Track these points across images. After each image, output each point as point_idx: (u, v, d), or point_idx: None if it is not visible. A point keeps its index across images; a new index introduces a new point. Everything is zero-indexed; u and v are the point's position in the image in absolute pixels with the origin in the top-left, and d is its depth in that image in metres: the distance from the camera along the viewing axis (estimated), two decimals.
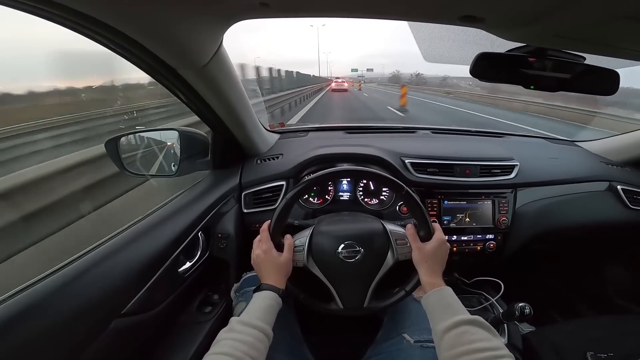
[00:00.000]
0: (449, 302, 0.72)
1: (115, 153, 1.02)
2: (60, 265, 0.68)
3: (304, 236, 0.86)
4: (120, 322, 0.71)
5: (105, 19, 0.49)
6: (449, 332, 0.64)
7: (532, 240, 1.24)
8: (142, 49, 0.60)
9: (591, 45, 0.60)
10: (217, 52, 0.73)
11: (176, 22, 0.57)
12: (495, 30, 0.58)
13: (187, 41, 0.63)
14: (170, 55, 0.66)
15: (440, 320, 0.67)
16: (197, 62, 0.71)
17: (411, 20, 0.59)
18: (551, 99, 11.33)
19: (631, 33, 0.53)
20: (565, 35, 0.54)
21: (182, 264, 0.95)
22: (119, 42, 0.56)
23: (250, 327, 0.66)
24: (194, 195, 1.04)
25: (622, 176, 1.36)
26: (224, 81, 0.85)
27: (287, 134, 1.53)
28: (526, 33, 0.57)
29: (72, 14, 0.47)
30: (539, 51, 0.69)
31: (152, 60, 0.65)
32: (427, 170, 1.22)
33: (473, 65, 0.73)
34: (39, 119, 4.89)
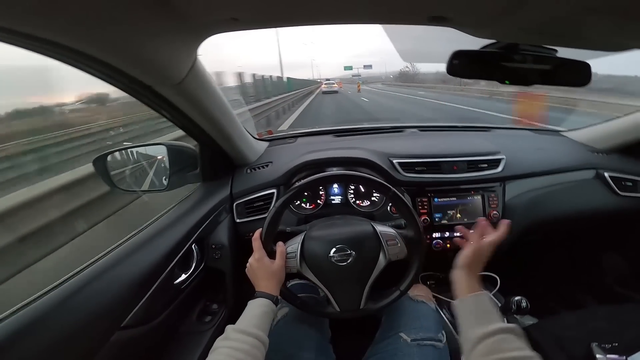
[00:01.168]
0: (487, 308, 0.70)
1: (104, 170, 1.03)
2: (58, 282, 0.69)
3: (295, 242, 0.87)
4: (122, 335, 0.73)
5: (71, 43, 0.50)
6: (485, 339, 0.62)
7: (525, 232, 1.25)
8: (115, 69, 0.61)
9: (558, 38, 0.61)
10: (192, 67, 0.74)
11: (147, 41, 0.57)
12: (464, 29, 0.60)
13: (161, 59, 0.64)
14: (145, 74, 0.67)
15: (477, 326, 0.66)
16: (173, 78, 0.71)
17: (380, 23, 0.61)
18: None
19: (594, 25, 0.55)
20: (531, 30, 0.56)
21: (177, 276, 0.96)
22: (89, 64, 0.57)
23: (245, 335, 0.67)
24: (186, 209, 1.05)
25: (608, 163, 1.37)
26: (204, 95, 0.86)
27: (276, 141, 1.54)
28: (494, 29, 0.58)
29: (35, 41, 0.48)
30: (511, 46, 0.70)
31: (127, 79, 0.66)
32: (415, 169, 1.23)
33: (448, 64, 0.74)
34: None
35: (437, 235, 1.21)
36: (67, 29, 0.47)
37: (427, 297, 1.09)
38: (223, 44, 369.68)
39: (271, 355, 0.72)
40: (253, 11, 0.56)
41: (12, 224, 2.05)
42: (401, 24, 0.59)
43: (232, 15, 0.55)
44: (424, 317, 0.99)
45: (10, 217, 2.06)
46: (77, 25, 0.47)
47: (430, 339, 0.91)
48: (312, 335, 0.94)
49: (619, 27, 0.56)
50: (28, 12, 0.41)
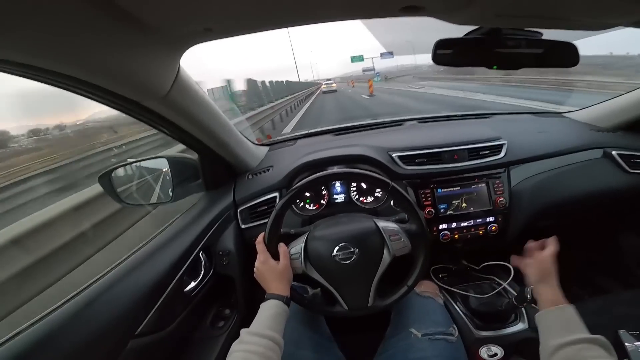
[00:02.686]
0: (569, 320, 0.68)
1: (110, 187, 1.05)
2: (72, 294, 0.73)
3: (299, 243, 0.88)
4: (137, 342, 0.76)
5: (49, 65, 0.52)
6: (564, 347, 0.62)
7: (535, 217, 1.23)
8: (99, 88, 0.62)
9: (538, 19, 0.61)
10: (176, 79, 0.75)
11: (125, 58, 0.59)
12: (440, 16, 0.60)
13: (142, 74, 0.65)
14: (129, 90, 0.68)
15: (557, 335, 0.65)
16: (158, 92, 0.73)
17: (353, 19, 0.61)
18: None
19: (570, 4, 0.54)
20: (506, 14, 0.56)
21: (187, 284, 0.98)
22: (71, 84, 0.59)
23: (260, 337, 0.68)
24: (190, 218, 1.07)
25: (615, 141, 1.34)
26: (192, 105, 0.87)
27: (276, 145, 1.56)
28: (470, 15, 0.58)
29: (17, 66, 0.50)
30: (494, 31, 0.70)
31: (113, 97, 0.67)
32: (416, 161, 1.22)
33: (433, 53, 0.75)
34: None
35: (443, 226, 1.20)
36: (44, 52, 0.48)
37: (434, 293, 1.09)
38: (211, 52, 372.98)
39: None
40: (225, 21, 0.57)
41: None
42: (375, 18, 0.60)
43: (205, 26, 0.56)
44: (432, 312, 0.99)
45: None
46: (52, 47, 0.48)
47: (441, 333, 0.91)
48: (309, 334, 0.95)
49: (599, 4, 0.56)
50: (2, 35, 0.42)
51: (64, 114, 17.44)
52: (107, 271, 0.82)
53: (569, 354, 0.60)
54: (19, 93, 4.89)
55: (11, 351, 0.58)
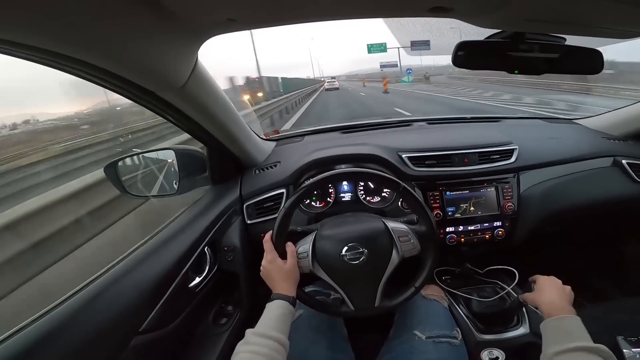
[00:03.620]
0: (570, 329, 0.69)
1: (115, 177, 1.04)
2: (75, 290, 0.71)
3: (307, 242, 0.87)
4: (140, 339, 0.75)
5: (68, 51, 0.50)
6: (562, 355, 0.63)
7: (542, 223, 1.22)
8: (115, 76, 0.61)
9: (566, 26, 0.60)
10: (193, 70, 0.73)
11: (145, 47, 0.57)
12: (467, 19, 0.58)
13: (161, 64, 0.64)
14: (146, 79, 0.66)
15: (557, 343, 0.66)
16: (174, 83, 0.71)
17: (380, 17, 0.60)
18: None
19: (602, 11, 0.53)
20: (536, 19, 0.54)
21: (192, 279, 0.97)
22: (88, 72, 0.57)
23: (265, 338, 0.67)
24: (196, 213, 1.06)
25: (625, 150, 1.33)
26: (207, 98, 0.86)
27: (283, 140, 1.54)
28: (498, 19, 0.57)
29: (36, 51, 0.48)
30: (518, 35, 0.69)
31: (129, 86, 0.66)
32: (425, 162, 1.21)
33: (454, 55, 0.73)
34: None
35: (450, 229, 1.19)
36: (63, 37, 0.47)
37: (439, 296, 1.08)
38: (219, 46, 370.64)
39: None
40: (249, 11, 0.56)
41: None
42: (402, 17, 0.58)
43: (229, 16, 0.54)
44: (437, 315, 0.99)
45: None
46: (72, 33, 0.47)
47: (445, 336, 0.91)
48: (325, 332, 0.94)
49: (627, 13, 0.54)
50: (22, 21, 0.41)
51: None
52: (111, 265, 0.80)
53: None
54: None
55: (14, 348, 0.57)
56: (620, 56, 9.13)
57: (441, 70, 49.73)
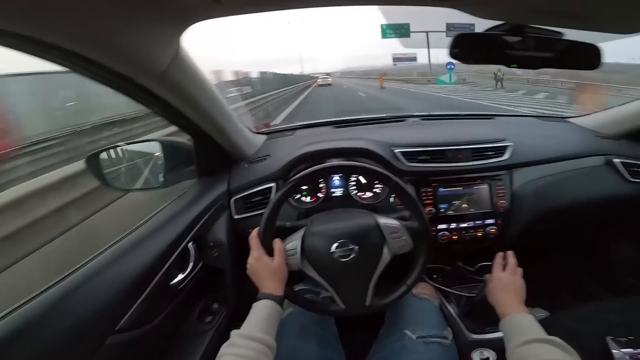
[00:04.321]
0: (523, 325, 0.73)
1: (97, 169, 1.00)
2: (48, 285, 0.68)
3: (296, 239, 0.85)
4: (116, 339, 0.71)
5: (34, 33, 0.46)
6: (519, 347, 0.67)
7: (534, 221, 1.22)
8: (88, 60, 0.57)
9: (568, 19, 0.58)
10: (176, 56, 0.70)
11: (121, 29, 0.54)
12: (469, 9, 0.56)
13: (139, 48, 0.60)
14: (123, 64, 0.63)
15: (513, 339, 0.70)
16: (154, 68, 0.67)
17: (379, 4, 0.57)
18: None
19: (607, 5, 0.51)
20: (540, 10, 0.52)
21: (174, 276, 0.94)
22: (59, 56, 0.53)
23: (251, 340, 0.65)
24: (181, 206, 1.03)
25: (618, 149, 1.33)
26: (191, 86, 0.82)
27: (274, 134, 1.51)
28: (501, 10, 0.55)
29: (9, 36, 0.45)
30: (517, 28, 0.67)
31: (104, 71, 0.62)
32: (418, 158, 1.19)
33: (452, 48, 0.71)
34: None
35: (443, 226, 1.18)
36: (30, 19, 0.43)
37: (430, 295, 1.08)
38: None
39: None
40: None
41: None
42: (401, 5, 0.55)
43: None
44: (428, 314, 0.99)
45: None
46: (38, 15, 0.43)
47: (436, 335, 0.90)
48: (316, 330, 0.93)
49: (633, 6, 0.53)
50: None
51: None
52: (86, 261, 0.76)
53: (523, 354, 0.65)
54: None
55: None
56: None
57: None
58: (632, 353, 0.82)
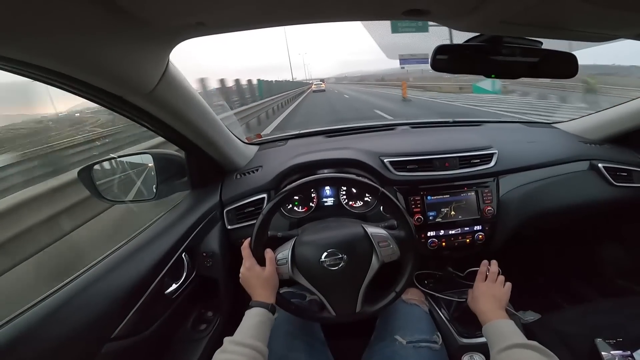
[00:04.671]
0: (503, 331, 0.76)
1: (90, 181, 1.01)
2: (43, 295, 0.68)
3: (286, 249, 0.86)
4: (112, 346, 0.73)
5: (25, 57, 0.48)
6: (501, 353, 0.68)
7: (521, 226, 1.24)
8: (78, 81, 0.58)
9: (542, 29, 0.60)
10: (164, 74, 0.71)
11: (109, 51, 0.55)
12: (443, 21, 0.58)
13: (127, 68, 0.62)
14: (112, 84, 0.64)
15: (495, 345, 0.72)
16: (144, 87, 0.69)
17: (354, 20, 0.59)
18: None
19: (577, 14, 0.53)
20: (511, 21, 0.54)
21: (168, 285, 0.95)
22: (48, 77, 0.55)
23: (243, 346, 0.66)
24: (174, 218, 1.04)
25: (602, 154, 1.36)
26: (180, 102, 0.84)
27: (266, 144, 1.52)
28: (474, 22, 0.57)
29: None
30: (495, 39, 0.69)
31: (94, 91, 0.63)
32: (407, 167, 1.21)
33: (432, 59, 0.74)
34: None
35: (432, 233, 1.19)
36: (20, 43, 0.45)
37: (420, 300, 1.09)
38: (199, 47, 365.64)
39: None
40: (219, 15, 0.54)
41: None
42: (377, 20, 0.58)
43: (198, 20, 0.53)
44: (418, 319, 0.99)
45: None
46: (30, 39, 0.45)
47: (425, 340, 0.91)
48: (303, 337, 0.93)
49: (602, 16, 0.55)
50: None
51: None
52: (82, 272, 0.77)
53: (505, 358, 0.67)
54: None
55: None
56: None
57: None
58: (621, 355, 0.83)
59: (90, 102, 0.67)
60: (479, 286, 0.93)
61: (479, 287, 0.93)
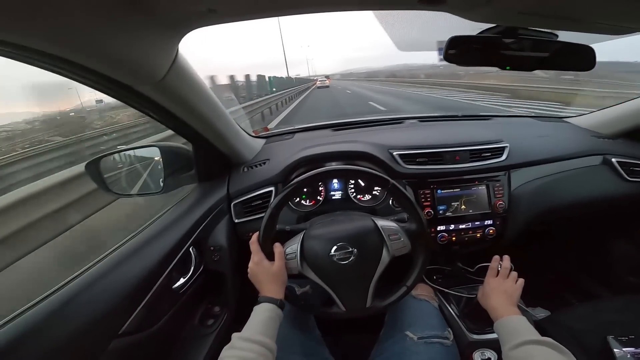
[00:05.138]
0: (516, 327, 0.74)
1: (97, 175, 1.00)
2: (50, 290, 0.68)
3: (295, 243, 0.85)
4: (120, 342, 0.72)
5: (36, 45, 0.47)
6: (513, 350, 0.67)
7: (533, 221, 1.22)
8: (88, 70, 0.58)
9: (559, 20, 0.58)
10: (174, 63, 0.70)
11: (119, 39, 0.54)
12: (458, 12, 0.57)
13: (137, 57, 0.61)
14: (122, 73, 0.63)
15: (507, 342, 0.70)
16: (153, 76, 0.68)
17: (368, 9, 0.57)
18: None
19: (597, 6, 0.52)
20: (530, 12, 0.52)
21: (176, 280, 0.94)
22: (58, 65, 0.54)
23: (251, 343, 0.65)
24: (181, 211, 1.03)
25: (615, 148, 1.34)
26: (189, 92, 0.83)
27: (273, 137, 1.51)
28: (491, 12, 0.55)
29: (5, 46, 0.46)
30: (510, 30, 0.67)
31: (103, 79, 0.62)
32: (417, 160, 1.20)
33: (445, 51, 0.72)
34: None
35: (441, 228, 1.18)
36: (31, 31, 0.44)
37: (429, 296, 1.08)
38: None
39: None
40: (229, 1, 0.53)
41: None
42: (391, 10, 0.56)
43: (209, 6, 0.51)
44: (428, 315, 0.99)
45: None
46: (40, 27, 0.44)
47: (437, 336, 0.90)
48: (299, 337, 0.93)
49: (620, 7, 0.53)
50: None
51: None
52: (89, 266, 0.77)
53: (517, 356, 0.66)
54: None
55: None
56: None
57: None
58: (633, 352, 0.82)
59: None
60: (490, 282, 0.92)
61: (490, 283, 0.92)
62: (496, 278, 0.93)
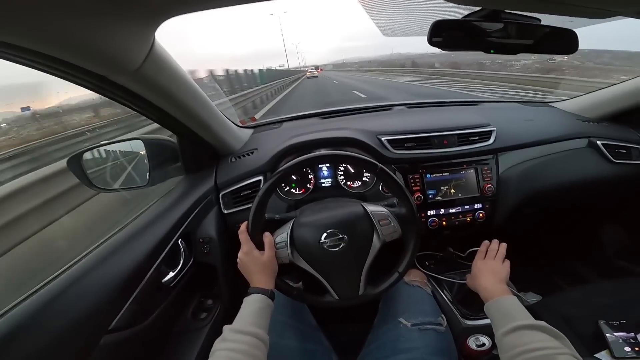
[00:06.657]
0: (508, 309, 0.72)
1: (80, 170, 0.98)
2: (37, 287, 0.67)
3: (284, 231, 0.85)
4: (110, 338, 0.71)
5: (7, 39, 0.45)
6: (507, 335, 0.65)
7: (521, 204, 1.24)
8: (58, 60, 0.55)
9: (544, 3, 0.58)
10: (150, 52, 0.68)
11: (89, 27, 0.52)
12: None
13: (110, 45, 0.58)
14: (95, 63, 0.61)
15: (500, 326, 0.68)
16: (129, 66, 0.65)
17: None
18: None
19: None
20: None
21: (165, 274, 0.94)
22: (23, 57, 0.52)
23: (243, 334, 0.64)
24: (169, 203, 1.02)
25: (600, 131, 1.36)
26: (169, 82, 0.80)
27: (261, 127, 1.50)
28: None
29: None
30: (495, 14, 0.67)
31: (76, 71, 0.60)
32: (405, 145, 1.20)
33: (430, 35, 0.71)
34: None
35: (432, 212, 1.19)
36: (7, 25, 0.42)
37: (422, 282, 1.08)
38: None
39: None
40: None
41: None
42: None
43: None
44: (421, 301, 0.99)
45: None
46: (17, 19, 0.42)
47: (430, 323, 0.90)
48: (294, 324, 0.93)
49: None
50: None
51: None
52: (75, 261, 0.76)
53: (511, 342, 0.64)
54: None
55: None
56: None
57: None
58: (625, 336, 0.84)
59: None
60: (477, 263, 0.92)
61: (477, 264, 0.92)
62: (484, 260, 0.93)
